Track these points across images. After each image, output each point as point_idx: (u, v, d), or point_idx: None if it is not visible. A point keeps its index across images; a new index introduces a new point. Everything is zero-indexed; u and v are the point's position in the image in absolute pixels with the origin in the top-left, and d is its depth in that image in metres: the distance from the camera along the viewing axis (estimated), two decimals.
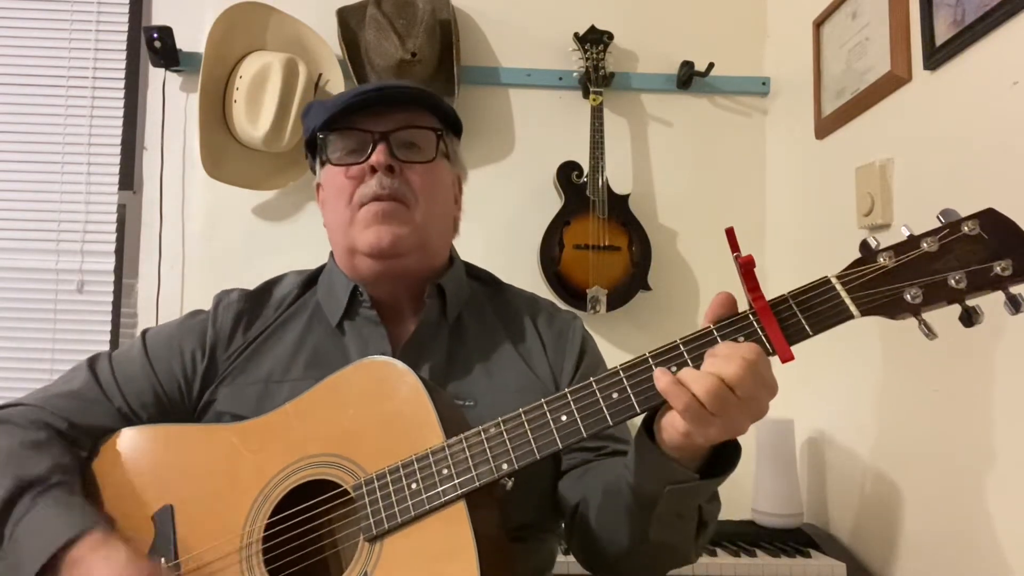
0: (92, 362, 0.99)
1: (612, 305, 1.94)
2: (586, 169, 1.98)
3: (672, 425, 0.71)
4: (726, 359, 0.68)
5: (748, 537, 1.64)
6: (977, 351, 1.25)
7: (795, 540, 1.63)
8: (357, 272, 1.00)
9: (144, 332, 1.04)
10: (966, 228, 0.69)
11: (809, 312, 0.71)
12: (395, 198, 0.96)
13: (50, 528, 0.80)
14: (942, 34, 1.34)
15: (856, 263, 0.72)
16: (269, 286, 1.08)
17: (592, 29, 2.04)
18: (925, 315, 0.70)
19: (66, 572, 0.78)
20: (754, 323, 0.72)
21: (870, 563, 1.55)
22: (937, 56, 1.35)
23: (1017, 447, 1.18)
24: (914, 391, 1.43)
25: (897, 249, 0.71)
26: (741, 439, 0.75)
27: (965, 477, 1.27)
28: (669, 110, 2.12)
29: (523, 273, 1.92)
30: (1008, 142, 1.20)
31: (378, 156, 0.95)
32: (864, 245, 0.72)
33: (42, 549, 0.78)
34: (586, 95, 2.03)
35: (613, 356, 0.90)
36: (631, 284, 1.96)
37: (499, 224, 2.04)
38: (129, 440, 0.93)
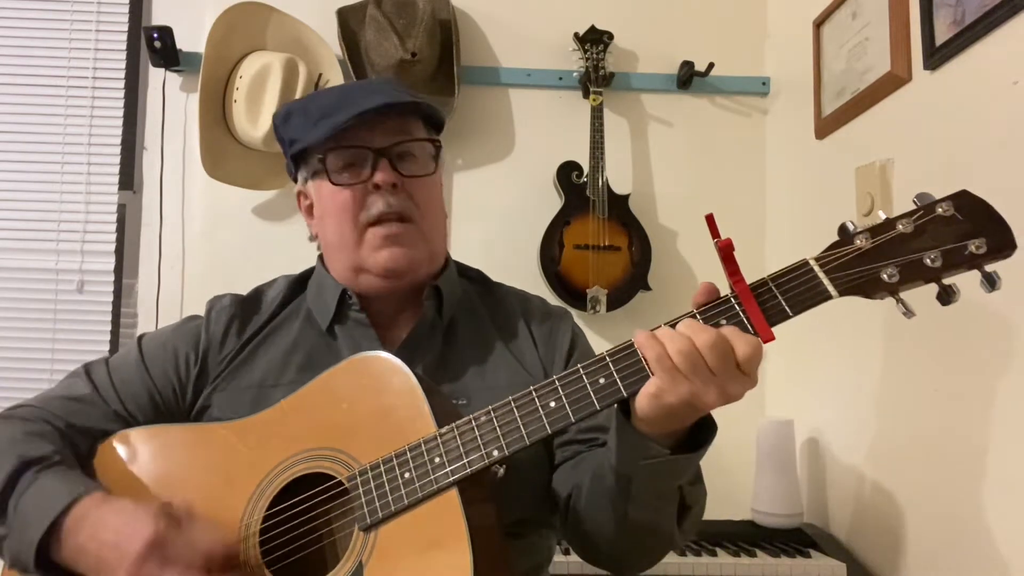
0: (88, 368, 1.01)
1: (612, 305, 1.94)
2: (586, 169, 1.98)
3: (645, 391, 0.72)
4: (702, 328, 0.71)
5: (748, 537, 1.64)
6: (977, 351, 1.25)
7: (795, 540, 1.63)
8: (361, 288, 1.01)
9: (140, 337, 1.05)
10: (940, 209, 0.71)
11: (789, 293, 0.72)
12: (402, 216, 0.96)
13: (54, 493, 0.82)
14: (942, 34, 1.34)
15: (834, 245, 0.73)
16: (259, 291, 1.09)
17: (592, 29, 2.04)
18: (903, 294, 0.72)
19: (73, 530, 0.79)
20: (735, 306, 0.74)
21: (870, 563, 1.55)
22: (937, 56, 1.35)
23: (1017, 446, 1.18)
24: (914, 391, 1.43)
25: (873, 231, 0.72)
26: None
27: (965, 477, 1.27)
28: (669, 110, 2.12)
29: (523, 273, 1.92)
30: (1008, 142, 1.20)
31: (382, 175, 0.95)
32: (842, 228, 0.74)
33: (47, 511, 0.80)
34: (586, 95, 2.03)
35: None
36: (631, 284, 1.96)
37: (499, 224, 2.04)
38: (126, 441, 0.94)
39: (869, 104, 1.58)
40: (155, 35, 1.94)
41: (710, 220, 0.75)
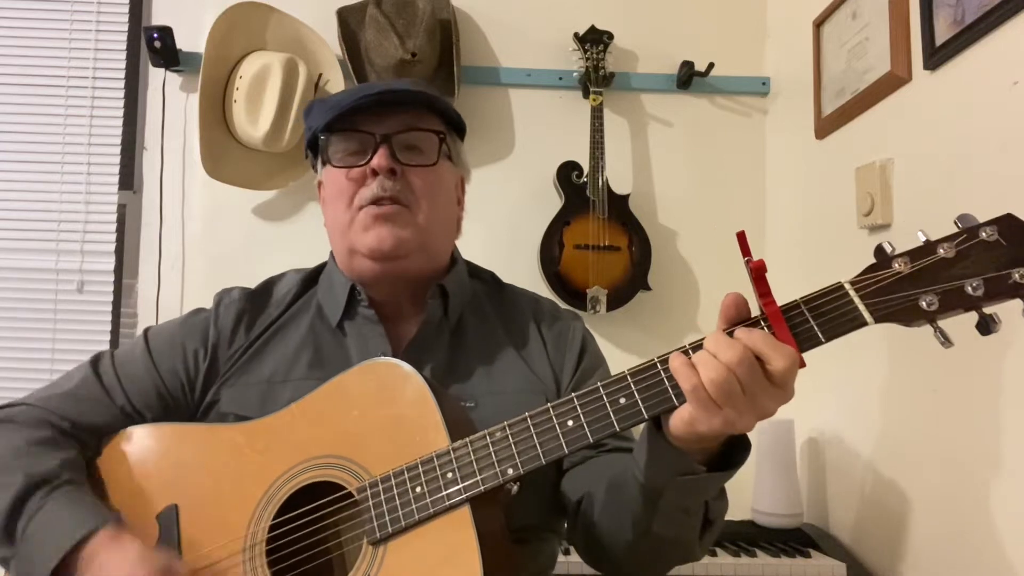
0: (94, 362, 0.99)
1: (612, 305, 1.94)
2: (586, 169, 1.98)
3: (678, 415, 0.71)
4: (728, 344, 0.68)
5: (748, 537, 1.64)
6: (976, 352, 1.25)
7: (795, 540, 1.63)
8: (356, 273, 1.00)
9: (146, 331, 1.04)
10: (984, 234, 0.67)
11: (822, 318, 0.69)
12: (396, 201, 0.96)
13: (63, 525, 0.81)
14: (942, 34, 1.34)
15: (870, 268, 0.70)
16: (269, 285, 1.09)
17: (592, 29, 2.04)
18: (941, 323, 0.69)
19: (82, 567, 0.79)
20: (765, 328, 0.71)
21: (870, 563, 1.55)
22: (937, 56, 1.35)
23: (1016, 447, 1.18)
24: (914, 391, 1.43)
25: (913, 255, 0.69)
26: None
27: (965, 477, 1.27)
28: (669, 110, 2.12)
29: (523, 273, 1.92)
30: (1008, 142, 1.20)
31: (379, 159, 0.95)
32: (879, 250, 0.71)
33: (56, 547, 0.79)
34: (586, 95, 2.03)
35: (613, 356, 0.90)
36: (631, 284, 1.96)
37: (499, 224, 2.04)
38: (133, 439, 0.93)
39: (869, 104, 1.58)
40: (155, 35, 1.94)
41: (741, 238, 0.72)
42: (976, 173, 1.26)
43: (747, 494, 1.74)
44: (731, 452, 0.76)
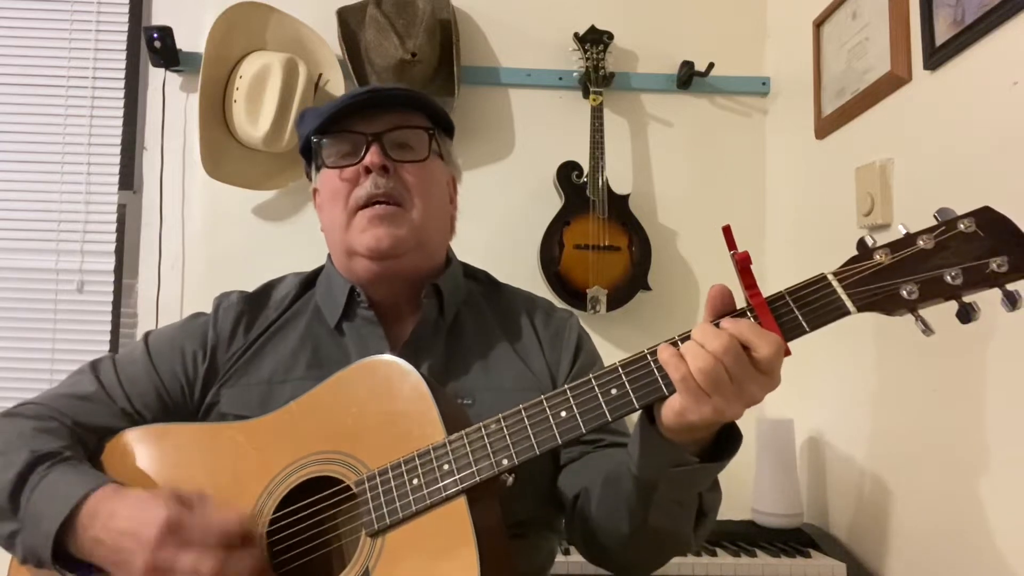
0: (95, 365, 1.01)
1: (612, 305, 1.94)
2: (586, 169, 1.98)
3: (669, 406, 0.72)
4: (715, 334, 0.69)
5: (748, 537, 1.64)
6: (974, 351, 1.25)
7: (795, 540, 1.63)
8: (355, 273, 1.01)
9: (146, 334, 1.05)
10: (962, 226, 0.69)
11: (806, 308, 0.71)
12: (391, 198, 0.97)
13: (67, 487, 0.82)
14: (942, 34, 1.34)
15: (852, 260, 0.72)
16: (268, 288, 1.10)
17: (592, 29, 2.04)
18: (922, 311, 0.71)
19: (88, 523, 0.80)
20: (752, 319, 0.72)
21: (870, 563, 1.55)
22: (937, 56, 1.36)
23: (1016, 447, 1.18)
24: (913, 391, 1.43)
25: (893, 246, 0.71)
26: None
27: (964, 476, 1.27)
28: (669, 110, 2.12)
29: (523, 273, 1.92)
30: (1008, 142, 1.20)
31: (372, 157, 0.96)
32: (861, 243, 0.73)
33: (62, 505, 0.80)
34: (586, 95, 2.03)
35: (613, 356, 0.90)
36: (631, 284, 1.96)
37: (499, 224, 2.04)
38: (135, 439, 0.94)
39: (869, 104, 1.58)
40: (155, 35, 1.94)
41: (727, 231, 0.74)
42: (976, 173, 1.26)
43: (747, 494, 1.74)
44: (723, 444, 0.77)
